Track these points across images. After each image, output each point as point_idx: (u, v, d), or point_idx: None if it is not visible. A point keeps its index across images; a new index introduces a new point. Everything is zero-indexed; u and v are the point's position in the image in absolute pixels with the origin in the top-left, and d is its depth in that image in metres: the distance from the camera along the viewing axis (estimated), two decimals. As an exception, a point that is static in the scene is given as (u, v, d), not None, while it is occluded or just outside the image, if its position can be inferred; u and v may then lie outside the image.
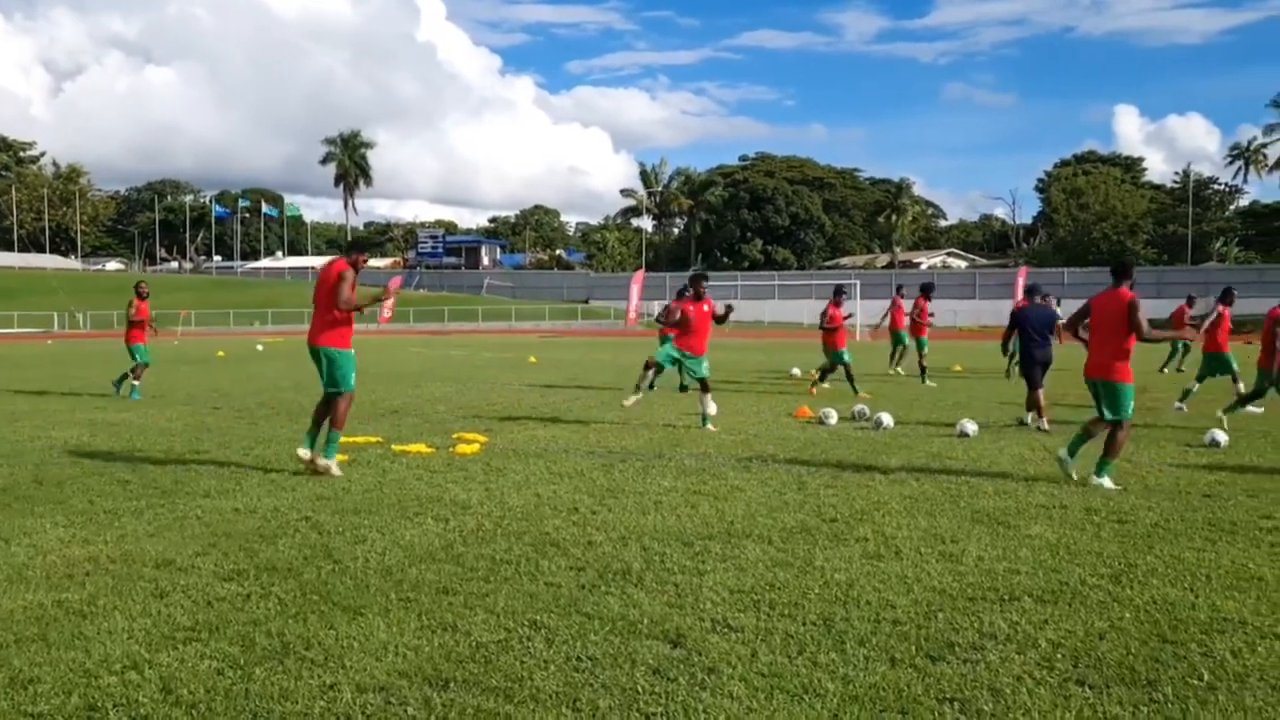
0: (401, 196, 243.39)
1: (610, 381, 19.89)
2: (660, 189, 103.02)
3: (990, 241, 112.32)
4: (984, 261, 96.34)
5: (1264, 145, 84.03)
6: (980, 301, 66.55)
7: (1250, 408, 13.31)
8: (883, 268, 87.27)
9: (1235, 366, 14.64)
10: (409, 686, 3.96)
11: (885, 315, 22.23)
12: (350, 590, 5.23)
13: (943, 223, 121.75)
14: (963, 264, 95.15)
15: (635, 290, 64.25)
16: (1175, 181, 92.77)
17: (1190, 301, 21.02)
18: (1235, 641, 4.51)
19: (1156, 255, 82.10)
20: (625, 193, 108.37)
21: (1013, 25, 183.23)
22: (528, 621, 4.73)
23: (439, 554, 5.97)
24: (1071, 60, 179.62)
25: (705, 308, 12.33)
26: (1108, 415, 8.60)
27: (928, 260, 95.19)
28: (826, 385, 17.13)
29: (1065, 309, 18.57)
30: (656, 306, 76.55)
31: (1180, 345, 22.91)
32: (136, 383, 16.05)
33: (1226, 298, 15.05)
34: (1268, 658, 4.32)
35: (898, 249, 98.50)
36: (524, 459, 9.51)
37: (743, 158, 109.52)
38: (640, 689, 3.94)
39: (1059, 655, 4.34)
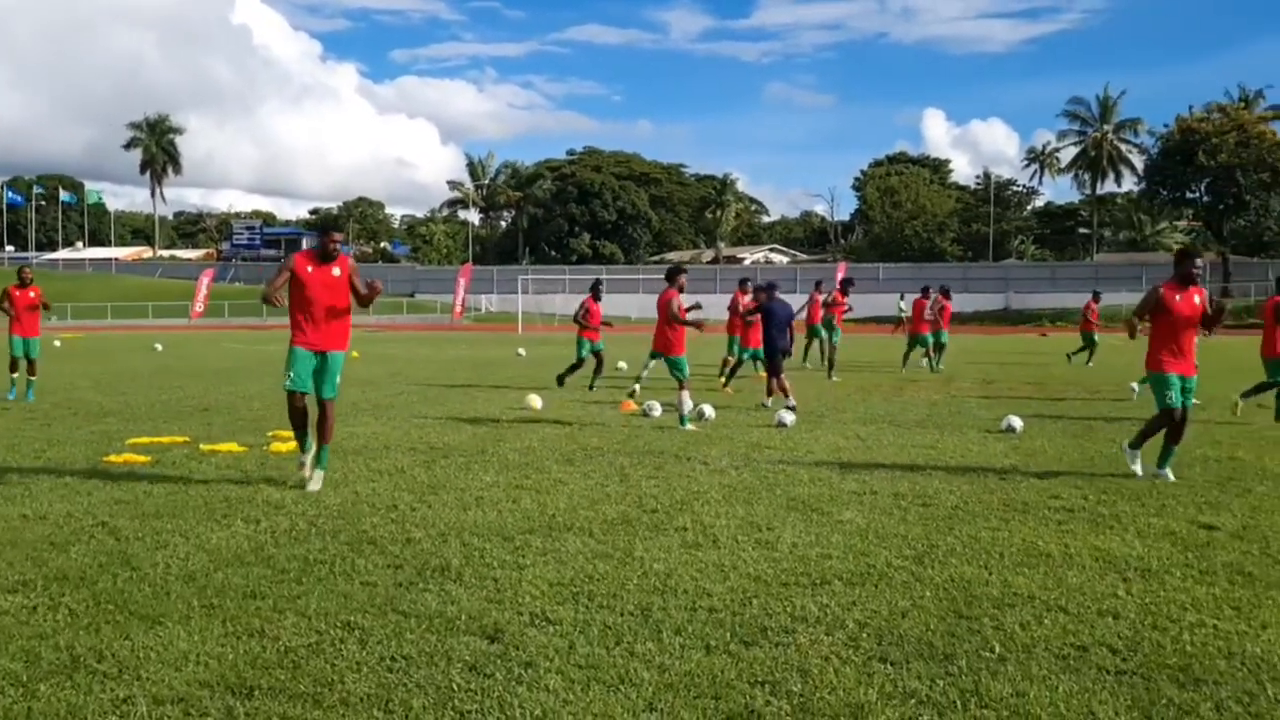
0: (216, 185, 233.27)
1: (433, 377, 19.60)
2: (487, 182, 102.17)
3: (810, 238, 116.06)
4: (804, 257, 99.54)
5: (1057, 150, 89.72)
6: (801, 296, 68.57)
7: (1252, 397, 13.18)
8: (708, 263, 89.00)
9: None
10: (210, 696, 3.78)
11: (802, 309, 22.22)
12: (149, 598, 4.95)
13: (765, 219, 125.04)
14: (784, 259, 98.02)
15: (462, 284, 63.60)
16: (978, 182, 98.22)
17: (946, 293, 22.28)
18: (1024, 615, 4.79)
19: (962, 252, 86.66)
20: (452, 185, 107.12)
21: (831, 29, 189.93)
22: (341, 623, 4.59)
23: (248, 556, 5.73)
24: (885, 65, 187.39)
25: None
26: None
27: (751, 256, 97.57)
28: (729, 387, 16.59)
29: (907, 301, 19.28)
30: (485, 301, 76.12)
31: (1090, 339, 24.67)
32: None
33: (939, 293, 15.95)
34: (1053, 629, 4.60)
35: (722, 244, 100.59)
36: (342, 456, 9.24)
37: (570, 152, 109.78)
38: (456, 686, 3.89)
39: (864, 634, 4.51)
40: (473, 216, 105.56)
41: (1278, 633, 4.57)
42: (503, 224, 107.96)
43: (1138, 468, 8.62)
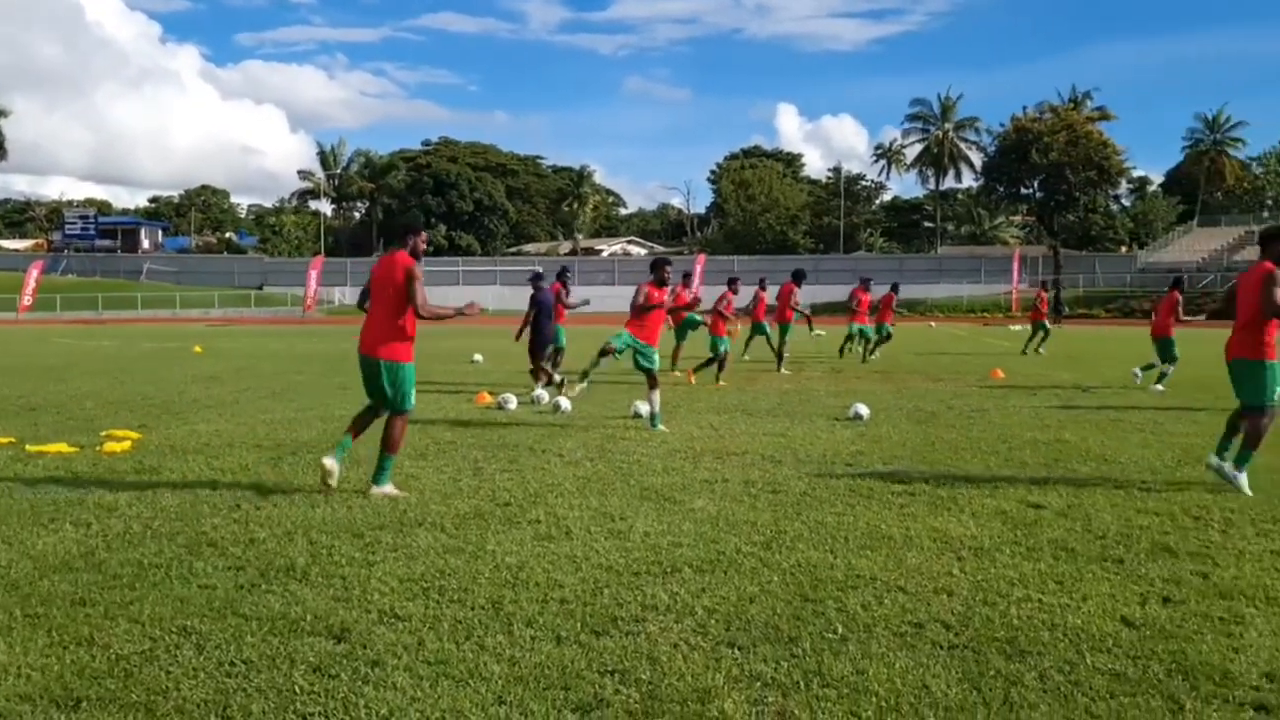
0: (45, 172, 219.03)
1: (283, 372, 19.03)
2: (340, 171, 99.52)
3: (667, 230, 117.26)
4: (662, 249, 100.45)
5: (903, 147, 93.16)
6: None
7: None
8: (566, 254, 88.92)
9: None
10: (32, 711, 3.58)
11: (751, 305, 21.83)
12: (-34, 609, 4.66)
13: (623, 211, 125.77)
14: (642, 251, 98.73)
15: (313, 276, 61.91)
16: (829, 177, 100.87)
17: (865, 285, 22.15)
18: (866, 596, 4.96)
19: (814, 245, 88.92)
20: (303, 174, 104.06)
21: (686, 24, 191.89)
22: (176, 628, 4.41)
23: (76, 562, 5.45)
24: (740, 60, 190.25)
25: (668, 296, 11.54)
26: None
27: (609, 248, 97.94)
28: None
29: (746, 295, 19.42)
30: (338, 293, 74.22)
31: (1041, 327, 25.52)
32: None
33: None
34: (892, 608, 4.78)
35: (580, 236, 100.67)
36: (182, 456, 8.89)
37: (425, 142, 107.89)
38: (298, 689, 3.79)
39: (713, 621, 4.59)
40: (325, 207, 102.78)
41: (1097, 604, 4.85)
42: (356, 215, 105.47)
43: (1243, 483, 7.56)
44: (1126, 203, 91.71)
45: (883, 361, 22.05)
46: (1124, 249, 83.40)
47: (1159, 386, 15.57)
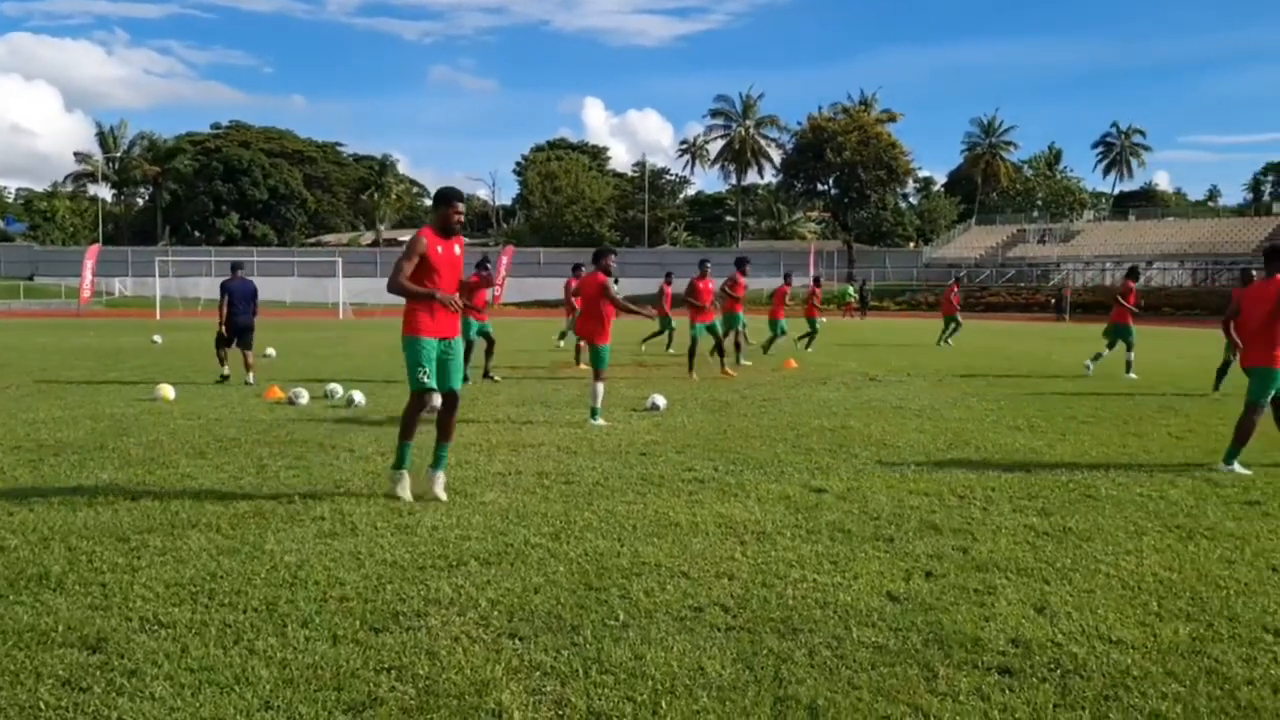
0: None
1: (51, 368, 17.76)
2: (121, 154, 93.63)
3: (474, 222, 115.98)
4: (467, 240, 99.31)
5: (706, 142, 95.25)
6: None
7: None
8: (368, 246, 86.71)
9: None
10: None
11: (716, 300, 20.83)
12: None
13: (428, 202, 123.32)
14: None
15: (89, 266, 58.05)
16: (635, 171, 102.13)
17: (788, 279, 22.33)
18: (649, 582, 5.04)
19: (619, 238, 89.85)
20: (80, 157, 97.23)
21: (494, 13, 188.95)
22: (-94, 647, 4.04)
23: None
24: (548, 52, 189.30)
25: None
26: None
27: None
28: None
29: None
30: (118, 284, 69.81)
31: (952, 320, 26.44)
32: None
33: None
34: (674, 594, 4.86)
35: (382, 227, 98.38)
36: (-73, 459, 8.16)
37: (215, 126, 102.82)
38: (44, 704, 3.53)
39: (496, 613, 4.55)
40: (104, 192, 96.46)
41: (867, 582, 5.08)
42: (140, 201, 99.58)
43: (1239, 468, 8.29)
44: (914, 201, 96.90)
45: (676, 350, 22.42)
46: (912, 245, 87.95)
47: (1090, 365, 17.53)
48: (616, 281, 12.17)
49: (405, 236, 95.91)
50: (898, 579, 5.14)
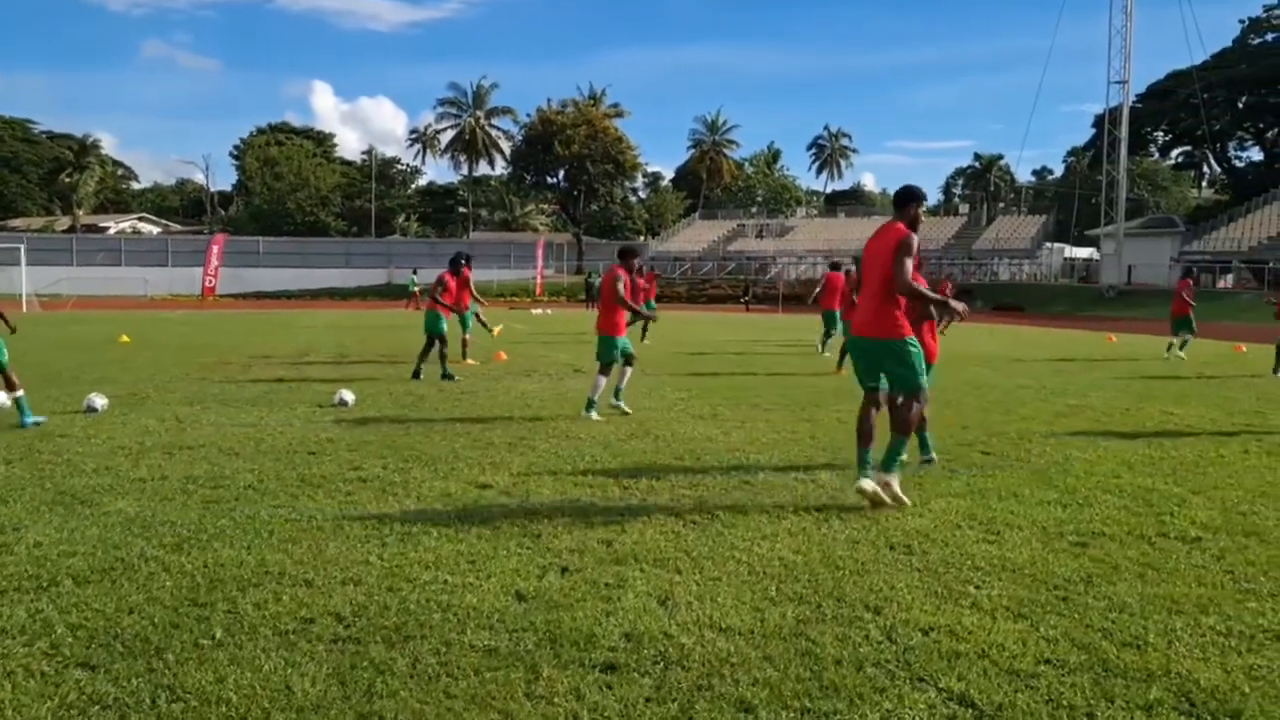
0: None
1: None
2: None
3: (187, 207, 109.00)
4: (178, 227, 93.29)
5: (438, 132, 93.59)
6: (174, 270, 63.96)
7: None
8: (64, 231, 79.53)
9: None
10: None
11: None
12: None
13: (136, 185, 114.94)
14: (155, 229, 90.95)
15: None
16: (364, 159, 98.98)
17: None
18: (264, 593, 4.70)
19: (346, 227, 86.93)
20: None
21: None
22: None
23: None
24: (273, 32, 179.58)
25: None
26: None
27: (116, 224, 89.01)
28: None
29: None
30: None
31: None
32: None
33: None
34: (289, 604, 4.55)
35: (80, 211, 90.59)
36: None
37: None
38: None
39: (74, 639, 4.10)
40: None
41: (498, 580, 4.96)
42: None
43: None
44: (643, 195, 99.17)
45: (385, 346, 21.84)
46: (641, 238, 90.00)
47: (1181, 353, 20.52)
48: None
49: (108, 223, 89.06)
50: (531, 577, 5.04)
